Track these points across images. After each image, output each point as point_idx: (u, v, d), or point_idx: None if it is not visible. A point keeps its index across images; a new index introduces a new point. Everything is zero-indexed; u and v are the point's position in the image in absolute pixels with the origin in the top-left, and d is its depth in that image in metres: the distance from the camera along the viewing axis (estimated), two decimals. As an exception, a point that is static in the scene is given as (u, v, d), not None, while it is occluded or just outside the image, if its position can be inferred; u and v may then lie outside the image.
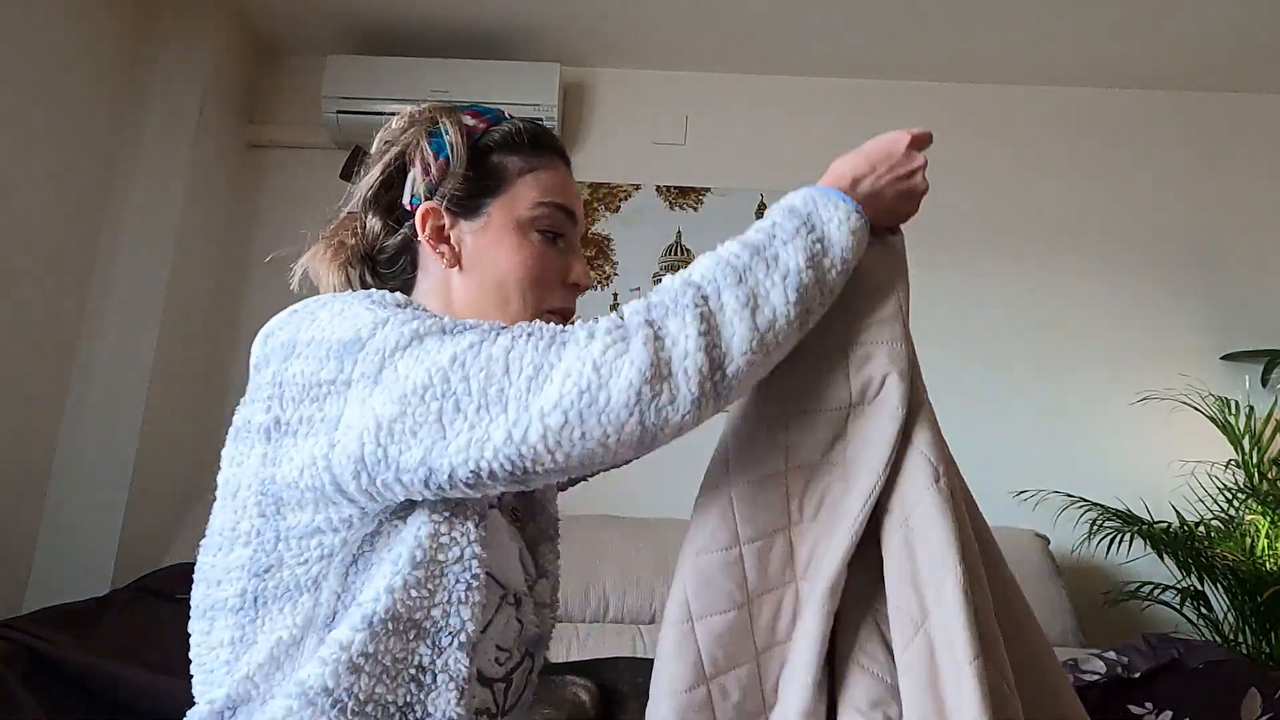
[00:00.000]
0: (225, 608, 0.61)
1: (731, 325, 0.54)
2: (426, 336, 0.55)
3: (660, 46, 2.50)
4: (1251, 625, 1.85)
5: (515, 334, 0.55)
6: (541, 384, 0.52)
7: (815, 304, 0.58)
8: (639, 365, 0.51)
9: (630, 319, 0.54)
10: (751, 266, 0.57)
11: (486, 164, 0.73)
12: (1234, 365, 2.33)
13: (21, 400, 1.94)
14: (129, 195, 2.19)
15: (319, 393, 0.57)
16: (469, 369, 0.53)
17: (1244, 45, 2.32)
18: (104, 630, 1.45)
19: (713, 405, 0.54)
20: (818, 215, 0.61)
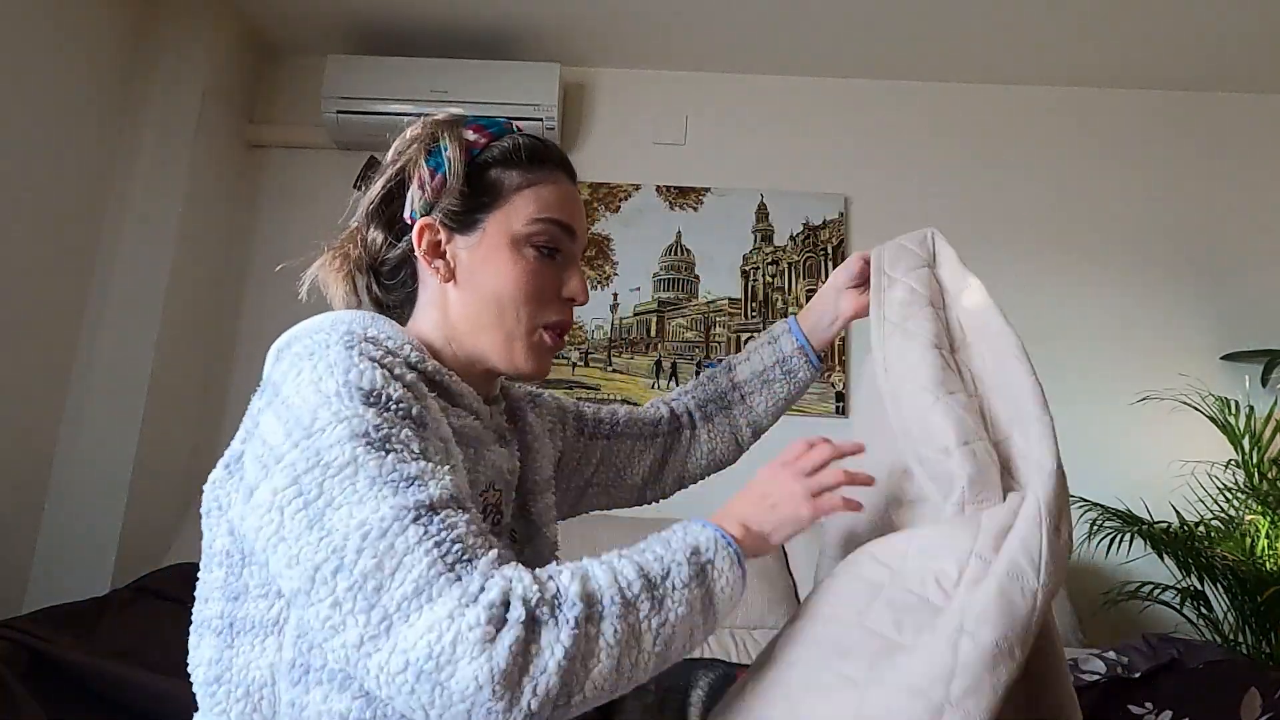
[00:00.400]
0: (209, 628, 0.62)
1: (599, 659, 0.52)
2: (360, 471, 0.53)
3: (660, 46, 2.50)
4: (1251, 625, 1.85)
5: (427, 533, 0.52)
6: (409, 613, 0.49)
7: (674, 654, 0.57)
8: (496, 664, 0.48)
9: (513, 606, 0.50)
10: (638, 601, 0.55)
11: (484, 179, 0.73)
12: (1234, 365, 2.33)
13: (21, 400, 1.94)
14: (129, 195, 2.19)
15: (258, 450, 0.57)
16: (365, 545, 0.51)
17: (1244, 46, 2.33)
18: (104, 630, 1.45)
19: (543, 713, 0.51)
20: (713, 569, 0.60)
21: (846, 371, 2.38)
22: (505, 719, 0.49)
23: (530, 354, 0.72)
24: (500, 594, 0.51)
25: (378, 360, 0.60)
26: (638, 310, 2.45)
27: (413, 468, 0.55)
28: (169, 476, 2.22)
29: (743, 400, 1.02)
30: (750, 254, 2.48)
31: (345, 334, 0.62)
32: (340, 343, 0.60)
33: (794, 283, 2.46)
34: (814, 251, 2.48)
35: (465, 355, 0.73)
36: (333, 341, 0.61)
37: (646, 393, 2.37)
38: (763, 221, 2.50)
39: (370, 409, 0.57)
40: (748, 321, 2.44)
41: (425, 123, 0.75)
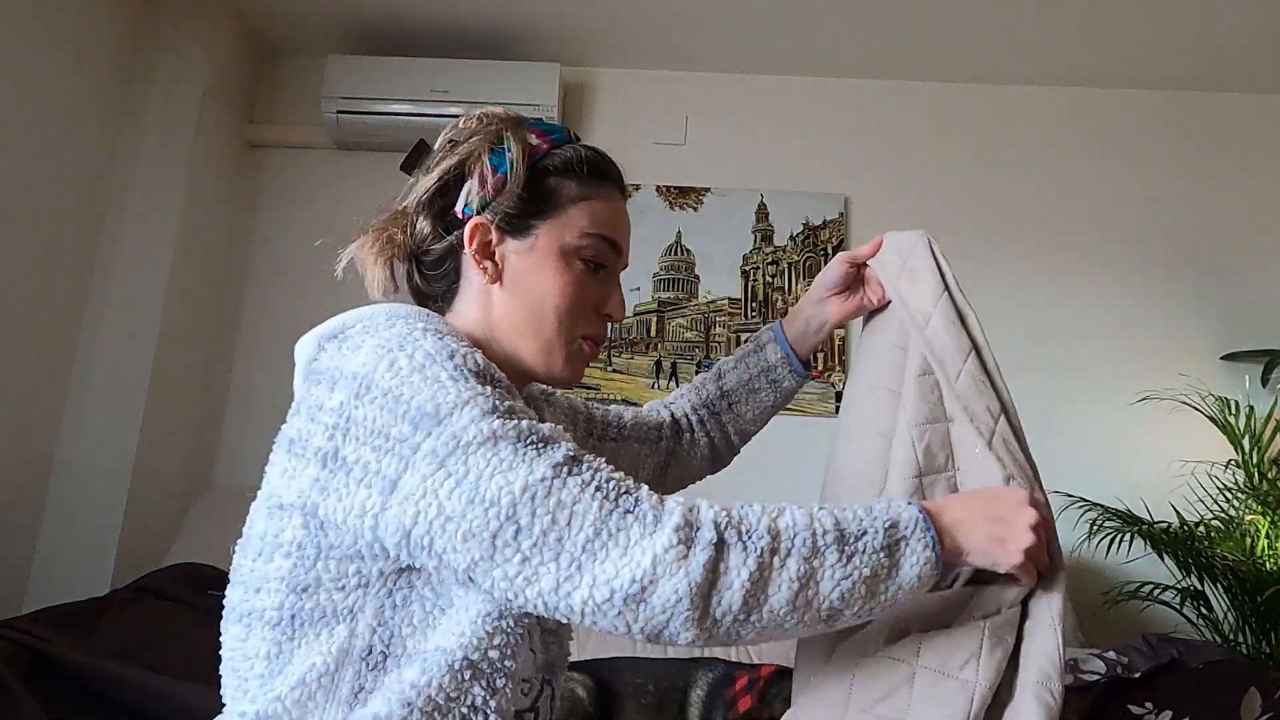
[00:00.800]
0: (263, 620, 0.61)
1: (778, 588, 0.56)
2: (501, 441, 0.57)
3: (660, 46, 2.50)
4: (1251, 625, 1.85)
5: (585, 481, 0.57)
6: (596, 551, 0.54)
7: (848, 614, 0.59)
8: (693, 579, 0.54)
9: (703, 528, 0.56)
10: (827, 549, 0.58)
11: (543, 186, 0.73)
12: (1234, 365, 2.33)
13: (21, 400, 1.94)
14: (129, 195, 2.19)
15: (383, 445, 0.57)
16: (536, 505, 0.55)
17: (1244, 46, 2.32)
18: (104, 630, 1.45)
19: (713, 640, 0.57)
20: (907, 546, 0.61)
21: (846, 371, 2.38)
22: (698, 627, 0.55)
23: (567, 362, 0.74)
24: (682, 517, 0.56)
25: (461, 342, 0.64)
26: (638, 310, 2.45)
27: (544, 429, 0.59)
28: (169, 476, 2.22)
29: (730, 409, 1.03)
30: (750, 254, 2.48)
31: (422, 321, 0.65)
32: (422, 330, 0.63)
33: (794, 283, 2.46)
34: (814, 251, 2.48)
35: (502, 355, 0.73)
36: (415, 330, 0.62)
37: (646, 393, 2.37)
38: (763, 221, 2.50)
39: (486, 385, 0.60)
40: (748, 321, 2.44)
41: (488, 117, 0.74)
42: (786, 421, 2.35)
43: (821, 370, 2.38)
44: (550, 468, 0.56)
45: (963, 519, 0.65)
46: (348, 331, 0.66)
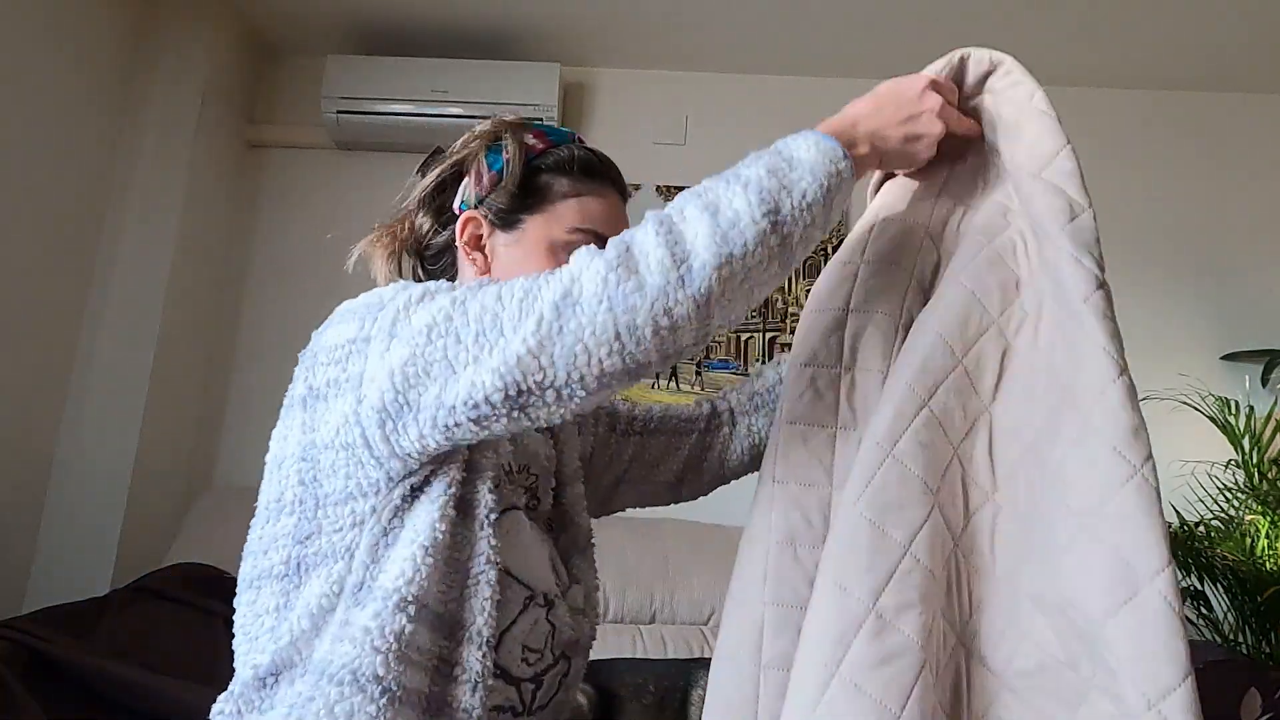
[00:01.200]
0: (271, 575, 0.64)
1: (693, 227, 0.57)
2: (438, 292, 0.60)
3: (660, 46, 2.50)
4: (1251, 625, 1.85)
5: (501, 284, 0.59)
6: (530, 302, 0.55)
7: (787, 213, 0.58)
8: (606, 258, 0.56)
9: (609, 245, 0.58)
10: (711, 186, 0.60)
11: (535, 182, 0.76)
12: (1234, 365, 2.33)
13: (21, 400, 1.94)
14: (129, 195, 2.19)
15: (343, 354, 0.61)
16: (468, 305, 0.57)
17: (1243, 45, 2.32)
18: (104, 630, 1.45)
19: (687, 301, 0.55)
20: (786, 145, 0.62)
21: (846, 371, 2.38)
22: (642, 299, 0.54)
23: None
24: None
25: None
26: (638, 310, 2.45)
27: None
28: (169, 476, 2.22)
29: (774, 403, 1.00)
30: (750, 254, 2.48)
31: None
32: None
33: (794, 283, 2.46)
34: (814, 251, 2.48)
35: None
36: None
37: (646, 392, 2.37)
38: (763, 221, 2.50)
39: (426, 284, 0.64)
40: (748, 321, 2.44)
41: (493, 121, 0.78)
42: (786, 421, 2.35)
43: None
44: (479, 283, 0.59)
45: (875, 125, 0.68)
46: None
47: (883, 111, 0.68)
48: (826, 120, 0.67)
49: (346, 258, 0.84)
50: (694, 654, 1.75)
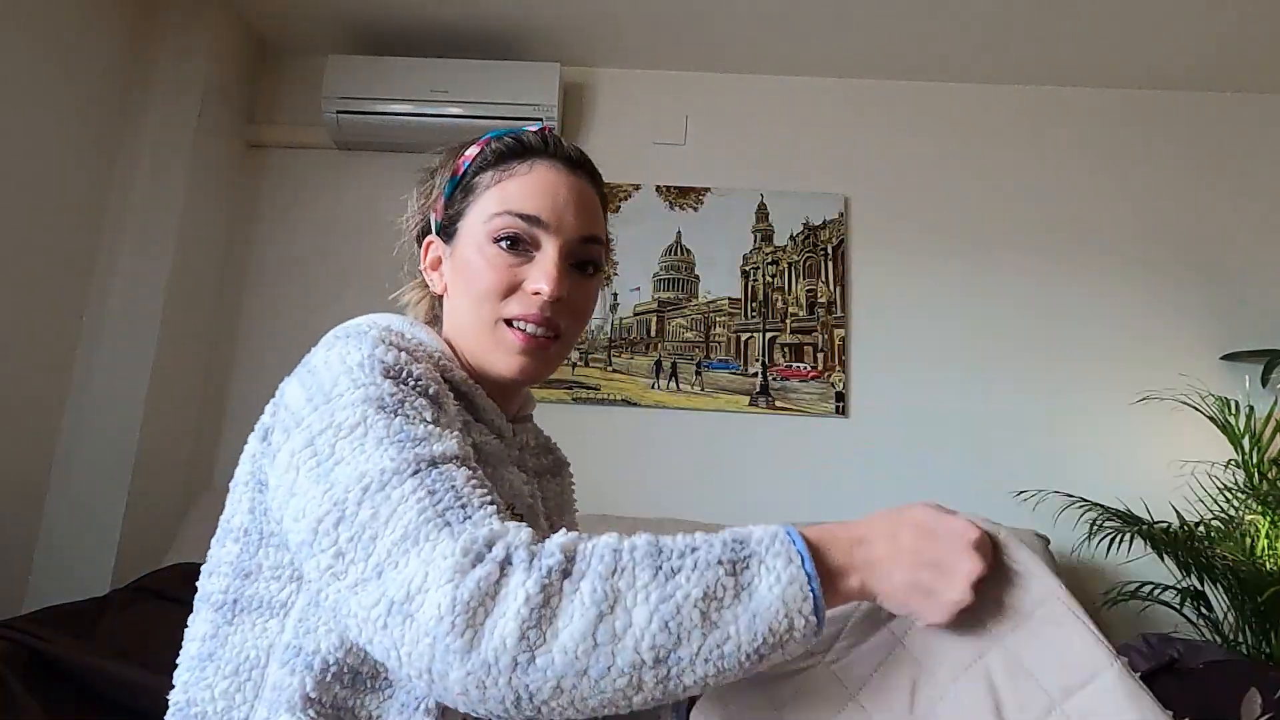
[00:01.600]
0: (209, 602, 0.63)
1: (570, 618, 0.46)
2: (370, 431, 0.55)
3: (660, 46, 2.50)
4: (1251, 625, 1.85)
5: (421, 483, 0.52)
6: (397, 557, 0.49)
7: (687, 659, 0.47)
8: (460, 594, 0.46)
9: (498, 547, 0.49)
10: (635, 566, 0.48)
11: (465, 186, 0.73)
12: (1234, 365, 2.33)
13: (22, 400, 1.94)
14: (129, 195, 2.19)
15: (288, 420, 0.59)
16: (365, 497, 0.52)
17: (1243, 45, 2.32)
18: (104, 630, 1.45)
19: (506, 691, 0.46)
20: (761, 565, 0.49)
21: (847, 372, 2.38)
22: (463, 663, 0.45)
23: (498, 351, 0.70)
24: (486, 536, 0.49)
25: (407, 351, 0.64)
26: (638, 310, 2.45)
27: (419, 429, 0.56)
28: (169, 476, 2.22)
29: None
30: (750, 254, 2.48)
31: (383, 328, 0.65)
32: (375, 331, 0.64)
33: (794, 283, 2.46)
34: (814, 251, 2.48)
35: (470, 363, 0.73)
36: (368, 330, 0.64)
37: (646, 392, 2.37)
38: (763, 221, 2.50)
39: (388, 380, 0.59)
40: (747, 321, 2.44)
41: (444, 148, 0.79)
42: (787, 420, 2.35)
43: (822, 370, 2.38)
44: (398, 463, 0.53)
45: (883, 556, 0.53)
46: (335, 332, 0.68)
47: (900, 545, 0.53)
48: (829, 526, 0.54)
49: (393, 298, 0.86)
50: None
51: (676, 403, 2.37)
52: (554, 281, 0.69)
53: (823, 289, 2.45)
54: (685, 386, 2.38)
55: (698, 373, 2.39)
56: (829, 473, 2.32)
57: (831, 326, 2.41)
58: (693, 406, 2.36)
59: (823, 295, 2.44)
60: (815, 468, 2.33)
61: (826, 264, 2.46)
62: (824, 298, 2.44)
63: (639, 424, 2.35)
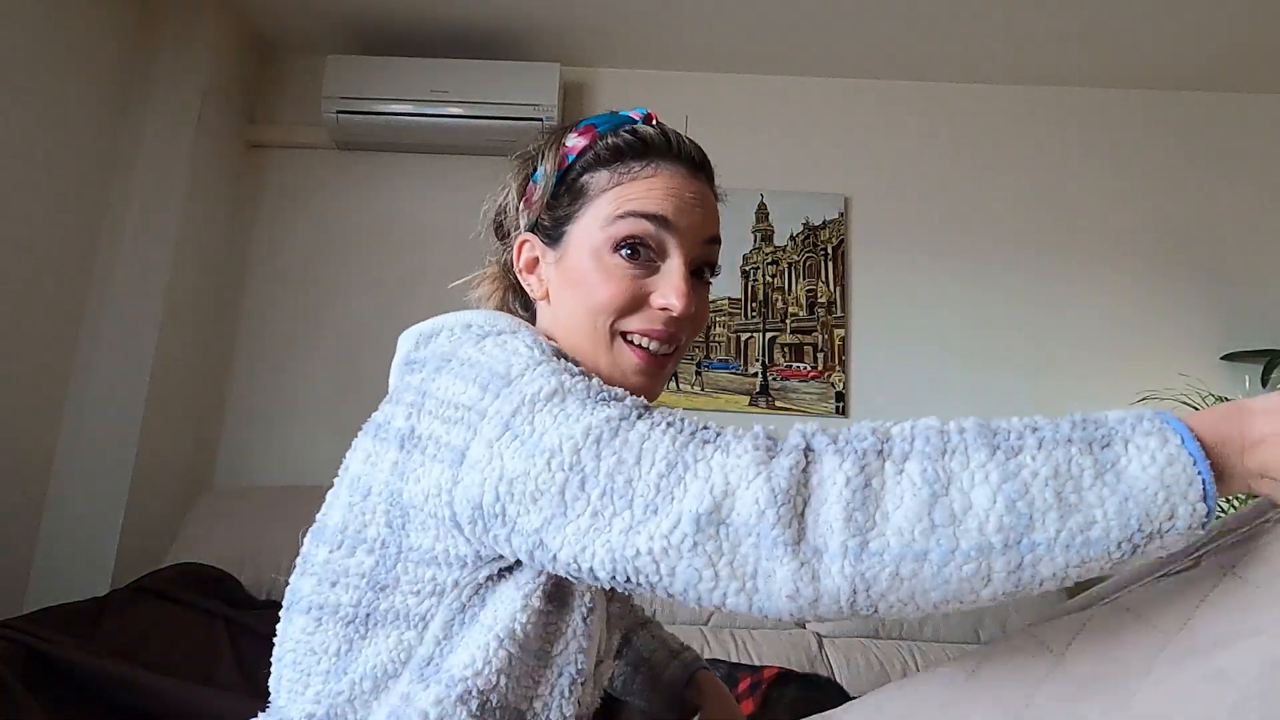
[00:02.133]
0: (337, 613, 0.59)
1: (900, 496, 0.43)
2: (569, 395, 0.52)
3: (660, 46, 2.50)
4: (1251, 625, 1.85)
5: (655, 421, 0.50)
6: (672, 485, 0.46)
7: (1043, 549, 0.41)
8: (776, 482, 0.44)
9: (789, 437, 0.47)
10: (966, 445, 0.44)
11: (574, 186, 0.67)
12: (1234, 365, 2.33)
13: (21, 400, 1.94)
14: (129, 195, 2.19)
15: (452, 415, 0.55)
16: (601, 448, 0.49)
17: (1243, 45, 2.32)
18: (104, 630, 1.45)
19: (842, 582, 0.42)
20: (1125, 433, 0.43)
21: (847, 372, 2.38)
22: (794, 555, 0.42)
23: (615, 369, 0.65)
24: (768, 433, 0.48)
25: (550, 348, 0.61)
26: (638, 310, 2.45)
27: (617, 390, 0.54)
28: (169, 476, 2.22)
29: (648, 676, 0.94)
30: (750, 254, 2.48)
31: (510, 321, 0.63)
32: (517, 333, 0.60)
33: (794, 283, 2.46)
34: (814, 251, 2.48)
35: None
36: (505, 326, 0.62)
37: (646, 393, 2.37)
38: (763, 221, 2.50)
39: (561, 360, 0.57)
40: (747, 321, 2.44)
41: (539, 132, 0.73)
42: (786, 421, 2.35)
43: (822, 370, 2.38)
44: (621, 411, 0.51)
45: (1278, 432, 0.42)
46: (441, 330, 0.66)
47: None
48: (1218, 412, 0.44)
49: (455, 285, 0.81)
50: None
51: (676, 403, 2.37)
52: (684, 297, 0.64)
53: (823, 289, 2.45)
54: (685, 386, 2.38)
55: (698, 373, 2.40)
56: (829, 473, 2.32)
57: (831, 326, 2.41)
58: (693, 406, 2.36)
59: (823, 295, 2.44)
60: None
61: (826, 264, 2.46)
62: (824, 298, 2.44)
63: (639, 424, 2.35)
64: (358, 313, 2.38)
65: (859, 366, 2.39)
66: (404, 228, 2.43)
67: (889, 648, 1.83)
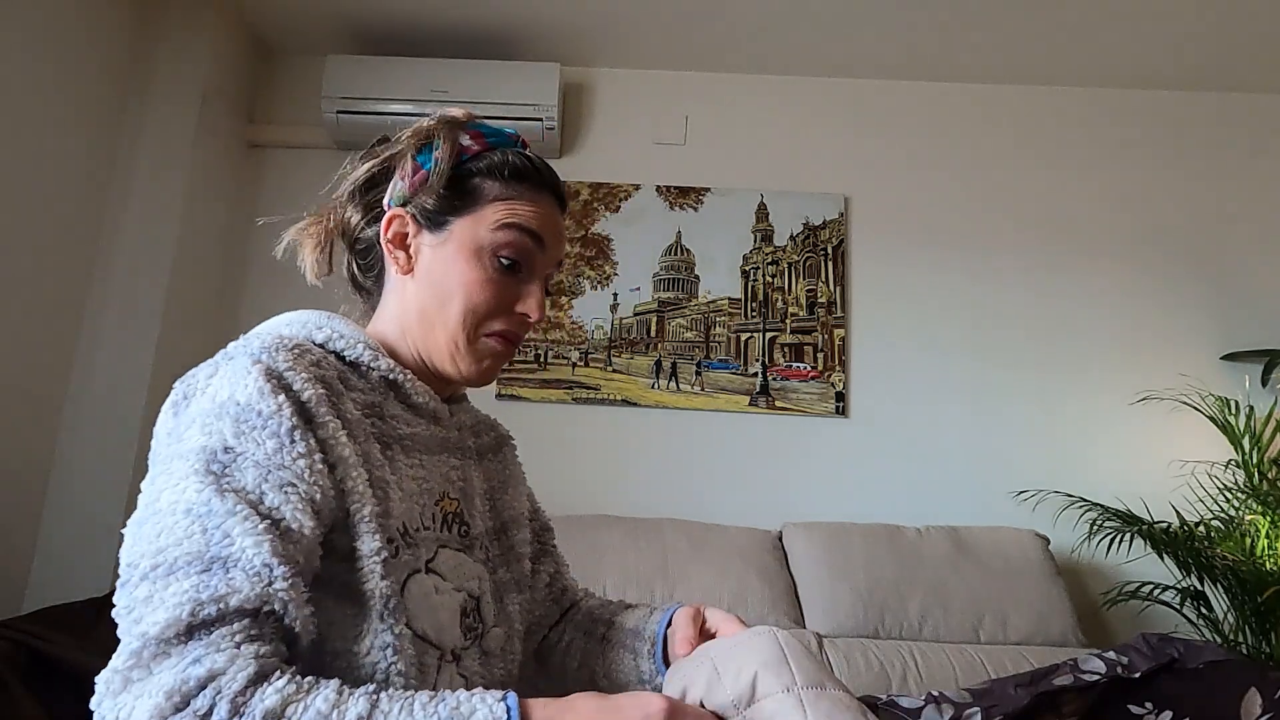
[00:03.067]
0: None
1: None
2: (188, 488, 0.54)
3: (660, 46, 2.50)
4: (1251, 625, 1.85)
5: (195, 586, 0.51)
6: (134, 668, 0.52)
7: None
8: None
9: (201, 699, 0.48)
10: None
11: (465, 185, 0.73)
12: (1234, 365, 2.33)
13: (21, 400, 1.94)
14: (129, 195, 2.20)
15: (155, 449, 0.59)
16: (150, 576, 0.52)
17: (1244, 46, 2.33)
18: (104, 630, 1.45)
19: None
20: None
21: (847, 372, 2.38)
22: None
23: (474, 359, 0.72)
24: (201, 677, 0.48)
25: (282, 371, 0.59)
26: (638, 310, 2.45)
27: (231, 522, 0.53)
28: (169, 476, 2.22)
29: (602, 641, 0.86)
30: (750, 254, 2.48)
31: (274, 340, 0.61)
32: (253, 352, 0.59)
33: (794, 283, 2.46)
34: (814, 251, 2.48)
35: (416, 350, 0.73)
36: (253, 348, 0.60)
37: (646, 392, 2.37)
38: (763, 221, 2.50)
39: (232, 423, 0.56)
40: (747, 321, 2.44)
41: (433, 117, 0.76)
42: (786, 421, 2.35)
43: (822, 370, 2.38)
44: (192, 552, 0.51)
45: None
46: (244, 340, 0.64)
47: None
48: (543, 704, 0.53)
49: (275, 244, 0.83)
50: (694, 654, 1.75)
51: (676, 403, 2.37)
52: (542, 308, 0.74)
53: (823, 289, 2.45)
54: (685, 386, 2.38)
55: (698, 373, 2.40)
56: (829, 473, 2.32)
57: (831, 326, 2.41)
58: (693, 406, 2.36)
59: (823, 295, 2.44)
60: (815, 468, 2.33)
61: (826, 264, 2.46)
62: (824, 298, 2.44)
63: (639, 424, 2.35)
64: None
65: (859, 366, 2.39)
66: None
67: (889, 648, 1.83)
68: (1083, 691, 1.32)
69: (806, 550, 2.05)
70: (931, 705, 1.39)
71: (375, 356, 0.68)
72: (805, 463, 2.34)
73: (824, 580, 1.97)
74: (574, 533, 1.90)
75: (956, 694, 1.42)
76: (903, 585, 1.94)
